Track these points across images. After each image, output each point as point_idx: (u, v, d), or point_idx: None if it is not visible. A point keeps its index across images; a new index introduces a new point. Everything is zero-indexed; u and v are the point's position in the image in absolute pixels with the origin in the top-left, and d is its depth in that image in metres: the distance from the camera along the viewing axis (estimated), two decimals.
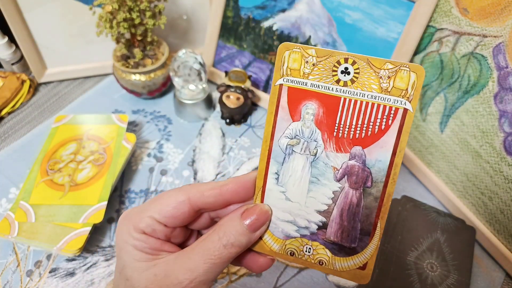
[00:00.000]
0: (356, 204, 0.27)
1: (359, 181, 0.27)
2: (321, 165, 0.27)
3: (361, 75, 0.25)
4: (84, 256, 0.46)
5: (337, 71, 0.25)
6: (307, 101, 0.27)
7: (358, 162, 0.26)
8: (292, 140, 0.28)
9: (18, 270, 0.45)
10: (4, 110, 0.62)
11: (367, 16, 0.50)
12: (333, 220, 0.28)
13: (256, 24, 0.60)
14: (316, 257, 0.28)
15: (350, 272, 0.28)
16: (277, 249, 0.28)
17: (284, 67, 0.27)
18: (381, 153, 0.26)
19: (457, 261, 0.42)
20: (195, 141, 0.59)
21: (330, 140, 0.27)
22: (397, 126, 0.25)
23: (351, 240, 0.27)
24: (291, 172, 0.28)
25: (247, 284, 0.44)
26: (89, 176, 0.50)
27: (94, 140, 0.54)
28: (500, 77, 0.41)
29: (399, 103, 0.25)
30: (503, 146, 0.42)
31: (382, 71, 0.25)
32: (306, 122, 0.27)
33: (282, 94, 0.27)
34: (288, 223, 0.28)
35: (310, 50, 0.26)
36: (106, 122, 0.56)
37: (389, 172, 0.26)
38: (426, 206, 0.46)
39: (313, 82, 0.26)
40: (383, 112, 0.25)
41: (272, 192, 0.28)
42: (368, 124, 0.26)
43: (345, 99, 0.26)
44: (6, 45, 0.64)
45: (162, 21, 0.56)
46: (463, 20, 0.44)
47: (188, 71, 0.56)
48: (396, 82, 0.25)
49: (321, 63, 0.26)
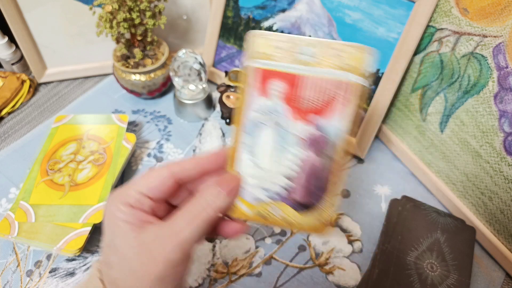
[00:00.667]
0: (318, 168, 0.31)
1: (321, 148, 0.31)
2: (286, 135, 0.31)
3: (319, 55, 0.29)
4: (84, 256, 0.46)
5: (300, 52, 0.30)
6: (272, 79, 0.30)
7: (321, 131, 0.31)
8: (261, 113, 0.31)
9: (18, 270, 0.45)
10: (4, 110, 0.62)
11: (367, 16, 0.50)
12: (298, 183, 0.31)
13: (256, 24, 0.60)
14: (284, 217, 0.32)
15: (310, 225, 0.32)
16: (250, 213, 0.32)
17: (251, 51, 0.30)
18: (336, 120, 0.30)
19: (457, 261, 0.42)
20: (195, 141, 0.59)
21: (295, 113, 0.31)
22: (347, 96, 0.29)
23: (313, 198, 0.31)
24: (260, 142, 0.32)
25: (247, 284, 0.44)
26: (89, 176, 0.50)
27: (94, 140, 0.54)
28: (500, 77, 0.41)
29: (351, 76, 0.29)
30: (503, 146, 0.42)
31: (334, 50, 0.29)
32: (274, 98, 0.31)
33: (249, 74, 0.30)
34: (258, 188, 0.32)
35: (272, 37, 0.30)
36: (106, 122, 0.56)
37: (342, 135, 0.30)
38: (426, 206, 0.46)
39: (277, 63, 0.30)
40: (339, 87, 0.29)
41: (244, 161, 0.32)
42: (327, 97, 0.30)
43: (307, 76, 0.30)
44: (6, 45, 0.64)
45: (162, 21, 0.56)
46: (463, 20, 0.44)
47: (188, 71, 0.56)
48: (347, 59, 0.29)
49: (284, 47, 0.30)
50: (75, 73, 0.68)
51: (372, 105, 0.54)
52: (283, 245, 0.48)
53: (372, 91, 0.53)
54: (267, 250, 0.47)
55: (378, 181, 0.54)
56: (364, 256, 0.47)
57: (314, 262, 0.46)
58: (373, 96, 0.53)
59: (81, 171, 0.51)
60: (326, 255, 0.47)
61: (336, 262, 0.46)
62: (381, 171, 0.55)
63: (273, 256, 0.47)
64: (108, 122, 0.56)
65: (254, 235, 0.48)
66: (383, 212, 0.51)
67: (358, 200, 0.52)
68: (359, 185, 0.54)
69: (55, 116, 0.58)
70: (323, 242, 0.48)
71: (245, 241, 0.48)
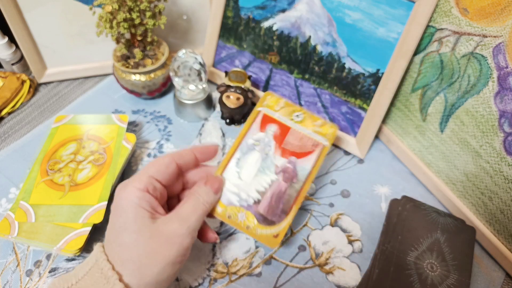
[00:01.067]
0: (283, 192, 0.41)
1: (289, 177, 0.42)
2: (268, 162, 0.42)
3: (305, 120, 0.44)
4: (84, 256, 0.46)
5: (293, 113, 0.45)
6: (271, 124, 0.44)
7: (291, 166, 0.42)
8: (255, 141, 0.43)
9: (18, 270, 0.45)
10: (4, 110, 0.62)
11: (367, 16, 0.50)
12: (265, 199, 0.41)
13: (256, 24, 0.60)
14: (245, 223, 0.40)
15: (267, 238, 0.39)
16: (220, 211, 0.40)
17: (264, 103, 0.46)
18: (306, 164, 0.42)
19: (457, 261, 0.42)
20: (195, 141, 0.59)
21: (278, 149, 0.43)
22: (318, 151, 0.43)
23: (273, 215, 0.40)
24: (248, 160, 0.42)
25: (247, 284, 0.44)
26: (89, 176, 0.50)
27: (94, 140, 0.54)
28: (500, 77, 0.41)
29: (322, 140, 0.44)
30: (503, 146, 0.42)
31: (317, 121, 0.44)
32: (268, 134, 0.44)
33: (258, 115, 0.45)
34: (234, 194, 0.40)
35: (281, 100, 0.46)
36: (106, 122, 0.56)
37: (308, 177, 0.42)
38: (426, 206, 0.46)
39: (279, 115, 0.45)
40: (312, 142, 0.43)
41: (231, 170, 0.41)
42: (302, 146, 0.43)
43: (294, 129, 0.44)
44: (6, 45, 0.64)
45: (162, 21, 0.56)
46: (463, 20, 0.44)
47: (188, 71, 0.56)
48: (323, 129, 0.44)
49: (285, 107, 0.45)
50: (75, 73, 0.68)
51: (372, 105, 0.54)
52: (283, 245, 0.48)
53: (372, 91, 0.53)
54: (267, 250, 0.47)
55: (378, 181, 0.54)
56: (364, 256, 0.47)
57: (314, 262, 0.46)
58: (373, 96, 0.53)
59: (81, 171, 0.51)
60: (326, 255, 0.47)
61: (336, 262, 0.46)
62: (381, 171, 0.55)
63: (273, 256, 0.47)
64: (108, 122, 0.56)
65: None
66: (383, 212, 0.51)
67: (358, 200, 0.52)
68: (359, 185, 0.54)
69: (55, 116, 0.58)
70: (323, 242, 0.48)
71: (245, 241, 0.48)
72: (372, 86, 0.53)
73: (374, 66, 0.52)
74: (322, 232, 0.49)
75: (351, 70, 0.54)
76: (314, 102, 0.59)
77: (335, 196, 0.53)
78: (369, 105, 0.54)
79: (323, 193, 0.53)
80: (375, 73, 0.52)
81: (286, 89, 0.61)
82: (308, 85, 0.58)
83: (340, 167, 0.56)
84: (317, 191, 0.53)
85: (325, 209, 0.51)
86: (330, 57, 0.55)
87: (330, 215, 0.51)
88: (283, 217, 0.40)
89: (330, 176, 0.55)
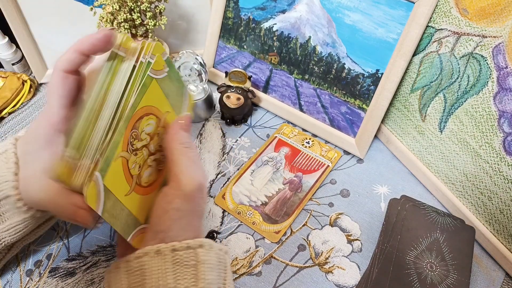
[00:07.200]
0: (288, 198, 0.52)
1: (295, 188, 0.53)
2: (278, 175, 0.54)
3: (314, 145, 0.58)
4: (84, 255, 0.46)
5: (304, 140, 0.58)
6: (285, 147, 0.57)
7: (298, 179, 0.54)
8: (269, 159, 0.56)
9: (18, 270, 0.45)
10: (5, 110, 0.62)
11: (367, 17, 0.51)
12: (272, 202, 0.51)
13: (256, 25, 0.60)
14: (252, 219, 0.49)
15: (269, 233, 0.48)
16: (231, 207, 0.50)
17: (280, 131, 0.59)
18: (310, 179, 0.54)
19: (456, 261, 0.42)
20: (195, 141, 0.59)
21: (288, 166, 0.55)
22: (322, 170, 0.55)
23: (277, 215, 0.50)
24: (260, 172, 0.54)
25: (247, 283, 0.44)
26: (150, 180, 0.36)
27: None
28: (500, 77, 0.41)
29: (326, 162, 0.56)
30: (502, 146, 0.42)
31: (324, 147, 0.57)
32: (280, 154, 0.57)
33: (274, 139, 0.58)
34: (246, 196, 0.52)
35: (295, 129, 0.60)
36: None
37: (311, 188, 0.53)
38: (425, 206, 0.46)
39: (291, 141, 0.58)
40: (317, 163, 0.55)
41: (246, 178, 0.54)
42: (309, 165, 0.55)
43: (303, 152, 0.57)
44: (7, 45, 0.64)
45: (162, 21, 0.56)
46: (462, 20, 0.44)
47: (189, 72, 0.57)
48: (328, 153, 0.57)
49: (298, 135, 0.59)
50: None
51: (371, 105, 0.54)
52: (282, 244, 0.48)
53: (372, 91, 0.53)
54: (267, 250, 0.47)
55: (378, 181, 0.54)
56: (364, 255, 0.47)
57: (314, 262, 0.46)
58: (372, 97, 0.53)
59: (147, 169, 0.36)
60: (326, 254, 0.47)
61: (336, 262, 0.46)
62: (381, 171, 0.56)
63: (273, 255, 0.47)
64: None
65: (254, 235, 0.48)
66: (382, 211, 0.51)
67: (357, 200, 0.52)
68: (359, 184, 0.54)
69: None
70: (322, 241, 0.48)
71: (245, 241, 0.48)
72: (372, 86, 0.53)
73: (374, 66, 0.52)
74: (321, 232, 0.49)
75: (351, 71, 0.54)
76: (313, 102, 0.59)
77: (334, 196, 0.53)
78: (369, 105, 0.54)
79: (323, 192, 0.53)
80: (374, 74, 0.52)
81: (286, 90, 0.61)
82: (308, 86, 0.59)
83: (339, 167, 0.56)
84: (317, 191, 0.53)
85: (325, 209, 0.51)
86: (330, 57, 0.55)
87: (329, 214, 0.51)
88: (286, 218, 0.49)
89: (329, 176, 0.55)
